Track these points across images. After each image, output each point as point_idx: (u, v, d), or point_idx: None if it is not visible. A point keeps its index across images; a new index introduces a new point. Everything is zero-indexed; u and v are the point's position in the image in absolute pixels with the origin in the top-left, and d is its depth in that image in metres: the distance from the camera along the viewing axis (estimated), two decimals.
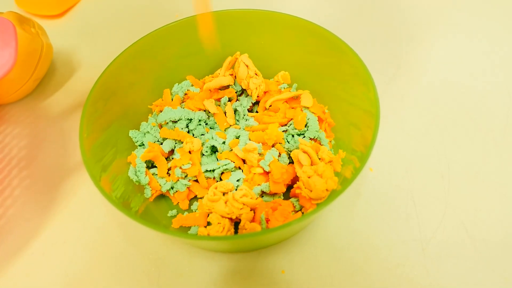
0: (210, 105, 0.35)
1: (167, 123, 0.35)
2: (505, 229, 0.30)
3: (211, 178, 0.33)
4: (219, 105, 0.36)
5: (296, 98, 0.36)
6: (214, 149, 0.34)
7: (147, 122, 0.36)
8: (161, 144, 0.35)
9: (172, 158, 0.34)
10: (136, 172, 0.32)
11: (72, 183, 0.36)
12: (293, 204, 0.31)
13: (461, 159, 0.34)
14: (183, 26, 0.36)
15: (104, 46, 0.48)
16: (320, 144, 0.34)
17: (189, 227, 0.31)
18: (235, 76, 0.37)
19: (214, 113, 0.35)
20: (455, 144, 0.35)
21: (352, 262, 0.29)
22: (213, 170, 0.33)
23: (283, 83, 0.37)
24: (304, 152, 0.31)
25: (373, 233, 0.31)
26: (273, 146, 0.34)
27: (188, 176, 0.33)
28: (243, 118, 0.36)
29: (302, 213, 0.30)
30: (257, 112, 0.37)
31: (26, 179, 0.36)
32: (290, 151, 0.33)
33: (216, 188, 0.30)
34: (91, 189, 0.35)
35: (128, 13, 0.52)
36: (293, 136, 0.34)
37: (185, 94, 0.37)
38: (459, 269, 0.28)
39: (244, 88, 0.36)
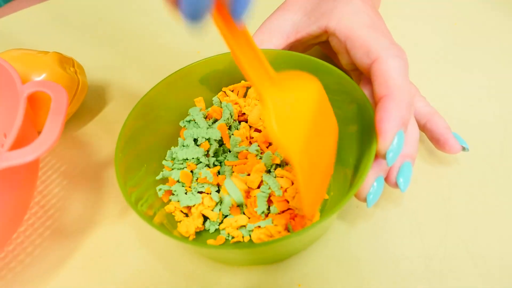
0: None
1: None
2: (502, 246, 0.33)
3: None
4: None
5: None
6: None
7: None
8: None
9: None
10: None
11: (104, 210, 0.40)
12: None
13: (460, 182, 0.37)
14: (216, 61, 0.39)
15: (130, 80, 0.52)
16: None
17: None
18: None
19: None
20: (454, 169, 0.38)
21: (361, 275, 0.33)
22: None
23: None
24: None
25: (380, 249, 0.34)
26: None
27: None
28: None
29: None
30: None
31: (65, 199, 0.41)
32: None
33: None
34: (121, 214, 0.39)
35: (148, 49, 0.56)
36: None
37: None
38: (460, 282, 0.31)
39: None
